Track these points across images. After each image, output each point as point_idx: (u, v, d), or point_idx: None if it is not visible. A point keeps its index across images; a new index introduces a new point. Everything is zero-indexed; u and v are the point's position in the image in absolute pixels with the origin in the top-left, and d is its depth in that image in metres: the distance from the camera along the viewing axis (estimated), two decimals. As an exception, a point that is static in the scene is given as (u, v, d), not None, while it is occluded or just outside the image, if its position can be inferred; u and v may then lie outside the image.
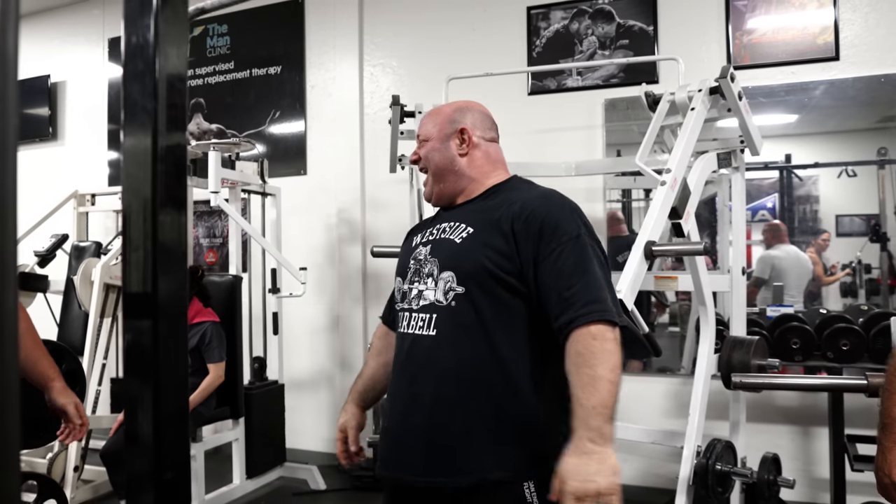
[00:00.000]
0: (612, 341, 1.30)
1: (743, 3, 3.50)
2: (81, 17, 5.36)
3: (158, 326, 0.71)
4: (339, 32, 4.45)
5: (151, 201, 0.70)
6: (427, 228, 1.59)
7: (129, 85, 0.71)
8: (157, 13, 0.70)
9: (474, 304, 1.41)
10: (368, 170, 4.35)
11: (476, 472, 1.38)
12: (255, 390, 3.80)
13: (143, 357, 0.71)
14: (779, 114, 3.54)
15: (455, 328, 1.42)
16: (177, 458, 0.72)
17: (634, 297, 2.17)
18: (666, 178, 2.35)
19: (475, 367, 1.39)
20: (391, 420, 1.52)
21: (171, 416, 0.72)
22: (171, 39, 0.71)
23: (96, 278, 3.66)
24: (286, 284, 3.95)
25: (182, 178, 0.74)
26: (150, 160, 0.70)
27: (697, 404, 2.57)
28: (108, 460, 3.13)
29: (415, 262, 1.53)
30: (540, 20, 3.93)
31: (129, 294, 0.71)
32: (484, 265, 1.41)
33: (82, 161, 5.30)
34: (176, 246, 0.72)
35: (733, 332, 2.89)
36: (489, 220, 1.46)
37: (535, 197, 1.48)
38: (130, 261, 0.71)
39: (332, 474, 3.97)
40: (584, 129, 3.82)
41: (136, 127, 0.71)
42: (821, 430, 3.29)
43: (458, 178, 1.57)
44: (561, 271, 1.36)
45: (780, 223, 3.58)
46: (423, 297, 1.47)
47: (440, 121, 1.60)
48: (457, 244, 1.47)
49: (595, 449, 1.22)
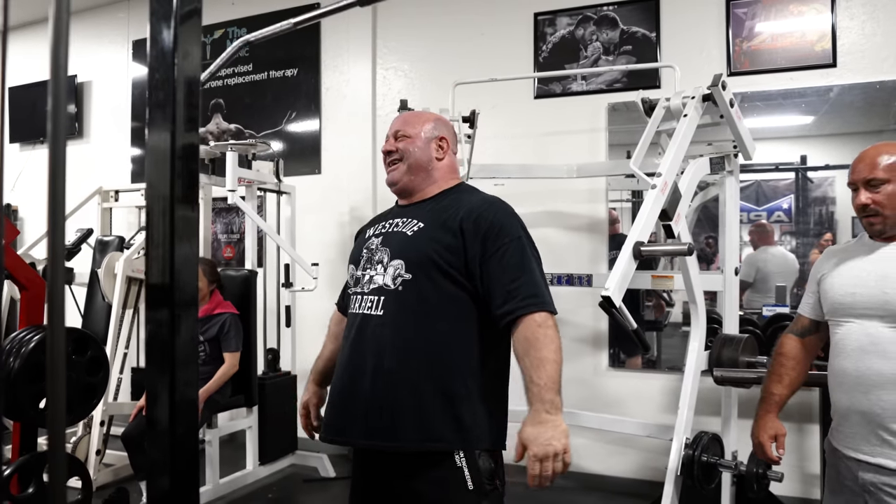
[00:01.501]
0: (552, 328, 1.52)
1: (743, 10, 3.60)
2: (107, 20, 5.55)
3: (175, 309, 0.84)
4: (352, 36, 4.60)
5: (170, 196, 0.84)
6: (380, 223, 1.80)
7: (153, 90, 0.85)
8: (178, 24, 0.84)
9: (420, 290, 1.61)
10: (380, 169, 4.45)
11: (411, 440, 1.57)
12: (269, 380, 3.95)
13: (161, 339, 0.85)
14: (794, 115, 3.59)
15: (401, 310, 1.61)
16: (188, 425, 0.86)
17: (622, 294, 2.28)
18: (656, 182, 2.46)
19: (416, 346, 1.59)
20: (337, 389, 1.70)
21: (184, 402, 0.85)
22: (189, 47, 0.86)
23: (119, 271, 3.83)
24: (299, 279, 4.10)
25: (195, 176, 0.88)
26: (168, 159, 0.84)
27: (686, 398, 2.67)
28: (129, 444, 3.30)
29: (367, 251, 1.73)
30: (546, 26, 4.05)
31: (149, 277, 0.85)
32: (431, 257, 1.61)
33: (107, 158, 5.49)
34: (189, 237, 0.86)
35: (726, 330, 2.99)
36: (439, 219, 1.67)
37: (481, 201, 1.70)
38: (151, 245, 0.85)
39: (341, 462, 4.11)
40: (587, 132, 3.93)
41: (158, 128, 0.85)
42: (813, 426, 3.39)
43: (427, 176, 1.78)
44: (505, 267, 1.57)
45: (766, 224, 3.63)
46: (373, 281, 1.67)
47: (424, 124, 1.81)
48: (408, 236, 1.67)
49: (549, 418, 1.46)
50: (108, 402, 3.68)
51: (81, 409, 2.68)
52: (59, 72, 0.63)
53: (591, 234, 3.92)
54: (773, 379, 1.96)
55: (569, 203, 3.94)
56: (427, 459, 1.58)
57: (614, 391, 3.87)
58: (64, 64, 0.63)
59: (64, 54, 0.63)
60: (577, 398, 3.81)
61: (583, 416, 3.54)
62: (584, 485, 3.82)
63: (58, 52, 0.62)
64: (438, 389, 1.57)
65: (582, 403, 3.75)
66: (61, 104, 0.64)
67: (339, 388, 1.68)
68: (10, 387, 2.40)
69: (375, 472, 1.68)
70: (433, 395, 1.57)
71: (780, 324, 3.23)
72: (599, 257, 3.90)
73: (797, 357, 1.93)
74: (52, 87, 0.63)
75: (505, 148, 4.02)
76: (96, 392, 2.71)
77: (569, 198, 3.92)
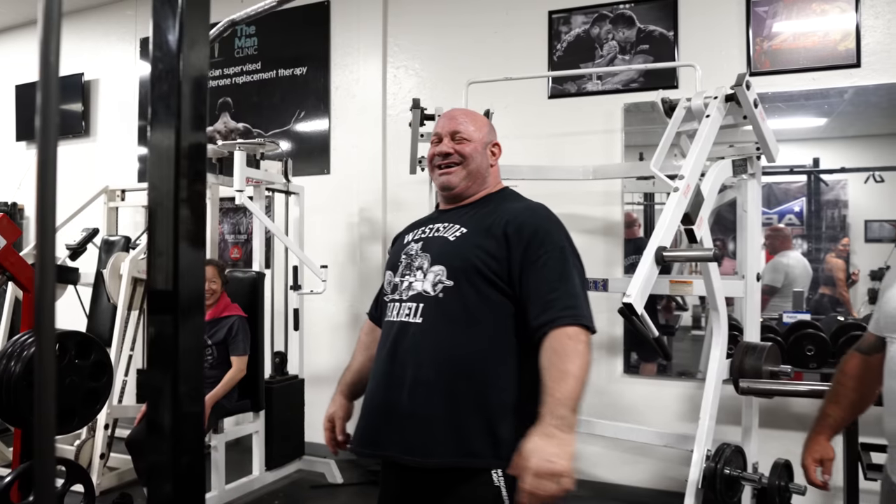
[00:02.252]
0: (584, 343, 1.43)
1: (764, 8, 3.50)
2: (114, 17, 5.50)
3: (178, 310, 0.77)
4: (363, 34, 4.52)
5: (174, 196, 0.77)
6: (419, 228, 1.72)
7: (156, 82, 0.78)
8: (183, 17, 0.77)
9: (462, 297, 1.53)
10: (390, 170, 4.42)
11: (448, 455, 1.48)
12: (276, 384, 3.88)
13: (165, 340, 0.78)
14: (807, 117, 3.52)
15: (441, 317, 1.53)
16: (194, 434, 0.79)
17: (645, 301, 2.20)
18: (679, 185, 2.38)
19: (456, 356, 1.50)
20: (371, 400, 1.61)
21: (188, 398, 0.78)
22: (195, 43, 0.79)
23: (125, 272, 3.77)
24: (308, 281, 4.03)
25: (202, 173, 0.81)
26: (173, 158, 0.77)
27: (708, 408, 2.59)
28: (133, 449, 3.24)
29: (406, 256, 1.66)
30: (561, 24, 3.97)
31: (152, 277, 0.78)
32: (474, 263, 1.53)
33: (113, 157, 5.44)
34: (195, 239, 0.79)
35: (747, 337, 2.90)
36: (482, 225, 1.59)
37: (525, 208, 1.64)
38: (154, 250, 0.78)
39: (349, 468, 4.05)
40: (603, 132, 3.85)
41: (161, 125, 0.78)
42: (835, 437, 3.28)
43: (482, 182, 1.72)
44: (545, 277, 1.49)
45: (784, 228, 3.55)
46: (412, 287, 1.59)
47: (481, 127, 1.73)
48: (450, 241, 1.60)
49: (558, 434, 1.34)
50: (112, 405, 3.61)
51: (85, 414, 2.61)
52: (50, 70, 0.56)
53: (606, 237, 3.83)
54: (830, 398, 1.82)
55: (583, 205, 3.85)
56: (462, 475, 1.49)
57: (629, 398, 3.78)
58: (55, 60, 0.56)
59: (55, 49, 0.56)
60: (591, 405, 3.72)
61: (598, 424, 3.46)
62: (598, 494, 3.73)
63: (48, 47, 0.56)
64: (477, 403, 1.49)
65: (596, 411, 3.67)
66: (52, 102, 0.57)
67: (375, 399, 1.60)
68: (11, 392, 2.33)
69: (408, 486, 1.59)
70: (472, 409, 1.48)
71: (802, 331, 3.14)
72: (614, 261, 3.81)
73: (859, 377, 1.75)
74: (41, 85, 0.56)
75: (517, 148, 3.92)
76: (100, 397, 2.65)
77: (583, 200, 3.83)
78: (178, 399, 0.77)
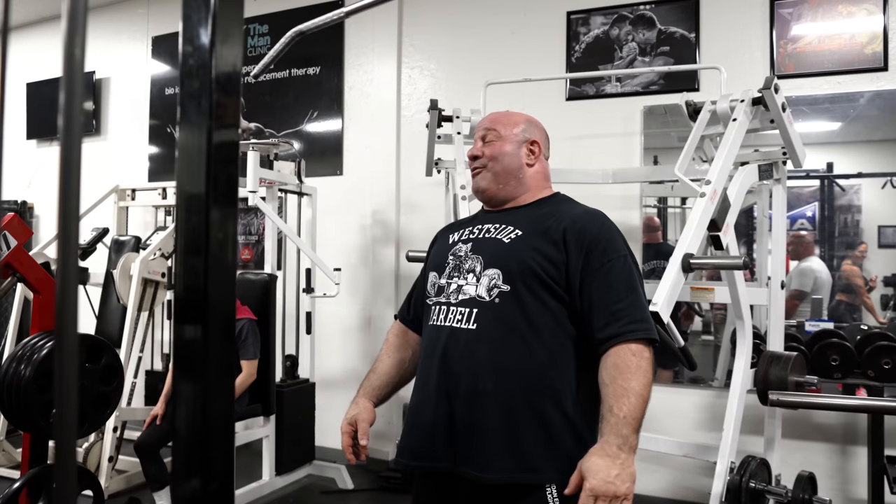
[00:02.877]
0: (648, 360, 1.38)
1: (788, 10, 3.44)
2: (126, 15, 5.46)
3: (209, 325, 0.72)
4: (377, 34, 4.47)
5: (205, 197, 0.71)
6: (465, 227, 1.64)
7: (186, 78, 0.72)
8: (216, 8, 0.71)
9: (519, 303, 1.45)
10: (404, 172, 4.36)
11: (504, 469, 1.41)
12: (287, 388, 3.83)
13: (193, 353, 0.72)
14: (821, 121, 3.46)
15: (497, 324, 1.45)
16: (223, 460, 0.73)
17: (671, 310, 2.14)
18: (706, 190, 2.32)
19: (514, 366, 1.43)
20: (423, 411, 1.53)
21: (218, 417, 0.73)
22: (228, 36, 0.73)
23: (135, 273, 3.72)
24: (320, 284, 3.98)
25: (234, 177, 0.75)
26: (204, 159, 0.71)
27: (732, 419, 2.53)
28: (142, 453, 3.19)
29: (454, 257, 1.57)
30: (580, 25, 3.91)
31: (179, 289, 0.73)
32: (531, 267, 1.46)
33: (124, 156, 5.40)
34: (226, 244, 0.73)
35: (770, 346, 2.84)
36: (539, 228, 1.51)
37: (584, 213, 1.56)
38: (181, 253, 0.72)
39: (359, 474, 3.99)
40: (621, 135, 3.78)
41: (191, 125, 0.72)
42: (859, 449, 3.22)
43: (518, 184, 1.62)
44: (611, 286, 1.43)
45: (805, 234, 3.48)
46: (462, 291, 1.51)
47: (513, 126, 1.65)
48: (505, 244, 1.51)
49: (620, 455, 1.30)
50: (121, 408, 3.56)
51: (95, 419, 2.57)
52: (75, 67, 0.52)
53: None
54: None
55: (601, 209, 3.78)
56: (516, 491, 1.42)
57: (648, 406, 3.70)
58: (81, 58, 0.52)
59: (81, 46, 0.52)
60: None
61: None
62: (613, 503, 3.66)
63: (72, 45, 0.51)
64: (536, 415, 1.42)
65: (612, 419, 3.61)
66: (76, 100, 0.52)
67: (426, 410, 1.51)
68: (21, 396, 2.29)
69: (453, 499, 1.49)
70: (530, 421, 1.41)
71: (826, 340, 3.06)
72: (632, 266, 3.74)
73: None
74: (65, 83, 0.51)
75: (534, 151, 3.87)
76: (110, 401, 2.61)
77: (601, 204, 3.67)
78: (208, 415, 0.72)
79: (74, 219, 0.58)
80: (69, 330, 0.58)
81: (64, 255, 0.57)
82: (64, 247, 0.56)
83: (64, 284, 0.57)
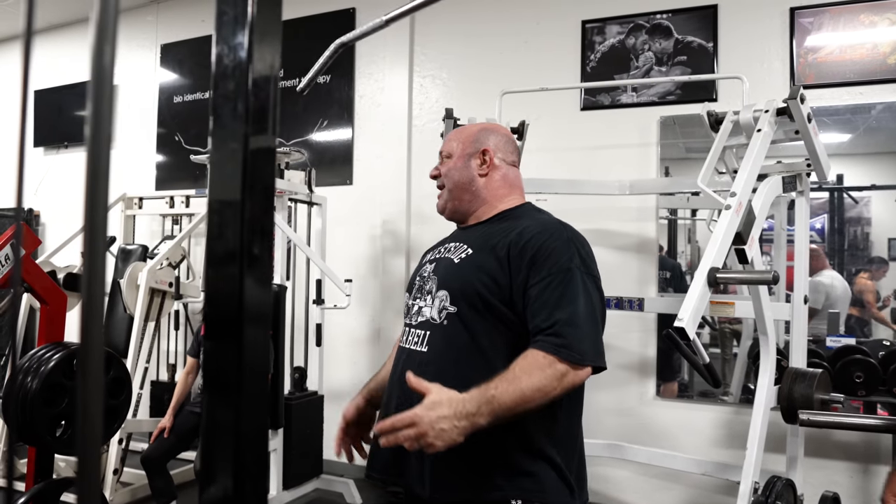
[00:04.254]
0: (558, 373, 1.28)
1: (808, 20, 3.38)
2: (135, 23, 5.44)
3: (244, 340, 0.66)
4: (389, 42, 4.42)
5: (240, 207, 0.66)
6: (438, 247, 1.62)
7: (220, 80, 0.67)
8: (253, 4, 0.66)
9: (465, 325, 1.41)
10: (415, 181, 4.31)
11: (458, 490, 1.38)
12: (295, 401, 3.77)
13: (228, 370, 0.67)
14: (831, 133, 3.40)
15: (445, 347, 1.43)
16: (258, 479, 0.68)
17: (696, 325, 2.08)
18: (731, 203, 2.26)
19: (461, 388, 1.32)
20: None
21: (252, 438, 0.67)
22: (266, 34, 0.68)
23: (142, 282, 3.67)
24: (329, 295, 3.92)
25: (271, 187, 0.70)
26: (240, 166, 0.66)
27: (756, 438, 2.45)
28: (149, 466, 3.13)
29: (420, 279, 1.56)
30: (595, 34, 3.86)
31: (212, 302, 0.67)
32: (475, 287, 1.42)
33: (131, 164, 5.36)
34: (263, 254, 0.68)
35: (793, 363, 2.77)
36: (488, 244, 1.47)
37: (536, 224, 1.48)
38: (214, 266, 0.67)
39: (367, 488, 3.92)
40: (637, 146, 3.73)
41: (226, 130, 0.67)
42: (883, 469, 3.14)
43: (472, 198, 1.59)
44: (545, 302, 1.35)
45: (817, 247, 3.41)
46: (421, 313, 1.50)
47: (464, 139, 1.61)
48: (455, 264, 1.49)
49: (463, 418, 1.22)
50: (126, 419, 3.49)
51: (103, 433, 2.50)
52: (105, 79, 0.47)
53: (640, 254, 3.70)
54: None
55: (616, 221, 3.72)
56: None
57: (661, 422, 3.63)
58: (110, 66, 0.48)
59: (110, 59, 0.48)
60: (622, 429, 3.60)
61: (629, 449, 3.32)
62: (628, 521, 3.59)
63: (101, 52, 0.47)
64: (486, 436, 1.32)
65: (628, 435, 3.54)
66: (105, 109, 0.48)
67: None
68: (27, 409, 2.23)
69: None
70: (482, 443, 1.32)
71: (849, 357, 2.99)
72: (648, 279, 3.68)
73: None
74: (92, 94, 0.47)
75: (548, 161, 3.82)
76: (118, 414, 2.55)
77: (616, 216, 3.71)
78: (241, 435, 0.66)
79: (102, 234, 0.53)
80: (95, 352, 0.53)
81: (90, 270, 0.52)
82: (91, 262, 0.51)
83: (90, 297, 0.53)
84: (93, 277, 0.51)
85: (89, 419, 0.52)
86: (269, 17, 0.68)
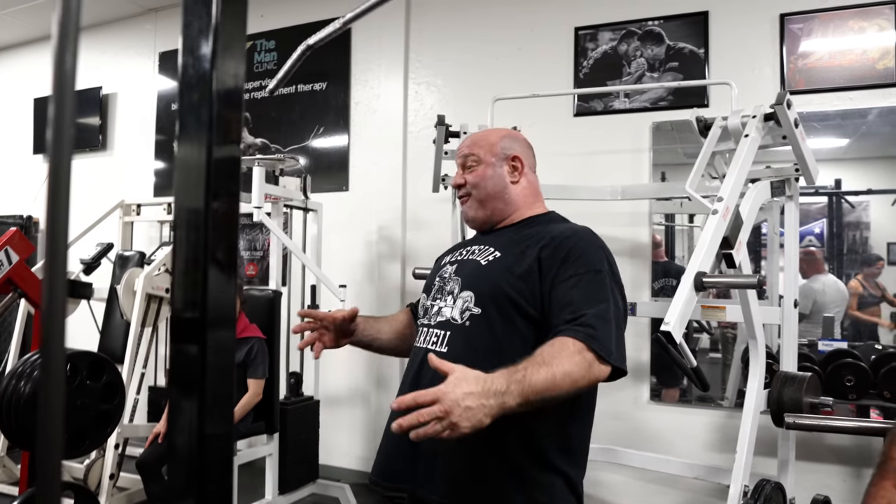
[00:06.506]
0: (587, 362, 1.24)
1: (798, 26, 3.41)
2: (133, 31, 5.48)
3: (207, 342, 0.68)
4: (384, 50, 4.46)
5: (204, 214, 0.68)
6: (459, 250, 1.62)
7: (186, 90, 0.69)
8: (218, 16, 0.68)
9: (490, 327, 1.41)
10: (410, 188, 4.33)
11: (470, 496, 1.38)
12: (291, 406, 3.78)
13: (191, 372, 0.68)
14: (828, 138, 3.42)
15: (466, 348, 1.41)
16: (221, 476, 0.69)
17: (684, 329, 2.09)
18: (718, 207, 2.28)
19: None
20: (391, 431, 1.51)
21: (216, 436, 0.69)
22: (230, 46, 0.70)
23: (139, 288, 3.69)
24: (325, 300, 3.94)
25: (235, 194, 0.72)
26: (203, 174, 0.68)
27: (745, 442, 2.47)
28: (144, 471, 3.14)
29: (440, 279, 1.56)
30: (587, 41, 3.88)
31: (177, 308, 0.69)
32: (503, 289, 1.41)
33: (130, 171, 5.40)
34: (227, 259, 0.70)
35: (784, 367, 2.78)
36: (518, 248, 1.47)
37: (567, 229, 1.50)
38: (179, 270, 0.69)
39: (364, 493, 3.93)
40: (630, 152, 3.75)
41: (191, 139, 0.69)
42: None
43: (505, 206, 1.59)
44: (573, 299, 1.34)
45: (815, 250, 3.43)
46: (440, 313, 1.49)
47: (490, 146, 1.61)
48: (482, 266, 1.48)
49: (491, 389, 1.15)
50: (123, 425, 3.52)
51: (96, 437, 2.53)
52: (65, 74, 0.49)
53: (633, 259, 3.71)
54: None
55: (609, 226, 3.73)
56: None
57: (655, 426, 3.64)
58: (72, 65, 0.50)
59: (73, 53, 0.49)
60: (615, 433, 3.60)
61: (624, 453, 3.33)
62: (622, 526, 3.59)
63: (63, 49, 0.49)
64: (500, 443, 1.35)
65: (621, 439, 3.54)
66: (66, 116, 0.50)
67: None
68: (19, 413, 2.25)
69: None
70: (495, 449, 1.35)
71: (840, 361, 3.00)
72: (641, 284, 3.70)
73: None
74: (55, 90, 0.49)
75: (541, 167, 3.78)
76: (112, 419, 2.56)
77: (609, 221, 3.72)
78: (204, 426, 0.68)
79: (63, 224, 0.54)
80: (56, 350, 0.55)
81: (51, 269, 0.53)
82: (51, 265, 0.53)
83: (51, 299, 0.54)
84: (54, 277, 0.53)
85: (51, 419, 0.53)
86: (234, 28, 0.70)
